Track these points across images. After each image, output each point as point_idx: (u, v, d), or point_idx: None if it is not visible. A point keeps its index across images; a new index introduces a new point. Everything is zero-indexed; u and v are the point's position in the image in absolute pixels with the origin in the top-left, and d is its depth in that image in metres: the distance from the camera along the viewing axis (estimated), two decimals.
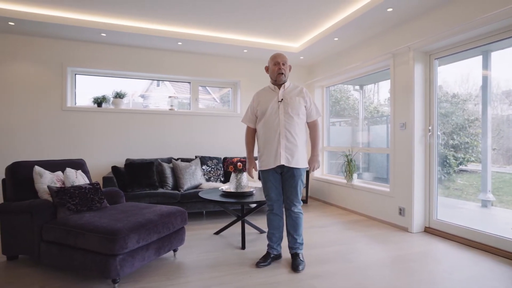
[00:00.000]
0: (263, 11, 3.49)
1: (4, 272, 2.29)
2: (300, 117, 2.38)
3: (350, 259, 2.58)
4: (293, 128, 2.35)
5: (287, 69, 2.44)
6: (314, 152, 2.45)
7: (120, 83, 4.62)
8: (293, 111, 2.35)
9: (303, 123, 2.43)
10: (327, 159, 5.30)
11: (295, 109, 2.36)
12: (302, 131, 2.40)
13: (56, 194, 2.37)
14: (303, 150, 2.41)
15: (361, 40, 4.09)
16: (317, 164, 2.47)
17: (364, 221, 3.81)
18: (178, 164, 4.00)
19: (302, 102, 2.40)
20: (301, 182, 2.43)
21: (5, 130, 3.91)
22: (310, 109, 2.44)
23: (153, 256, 2.25)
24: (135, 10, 3.48)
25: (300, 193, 2.43)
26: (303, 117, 2.41)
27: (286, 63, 2.43)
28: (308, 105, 2.43)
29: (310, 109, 2.44)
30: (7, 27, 3.68)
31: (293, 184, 2.38)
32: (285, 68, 2.42)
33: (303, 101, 2.40)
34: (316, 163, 2.45)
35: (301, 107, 2.38)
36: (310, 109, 2.44)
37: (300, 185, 2.42)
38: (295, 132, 2.35)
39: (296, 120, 2.36)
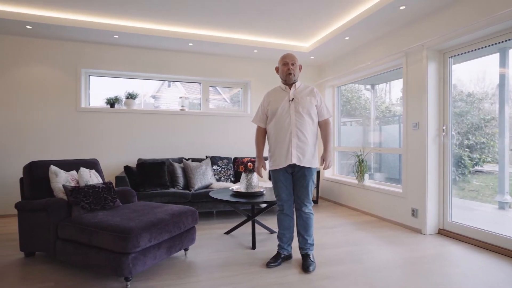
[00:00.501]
0: (273, 11, 3.48)
1: (21, 268, 2.36)
2: (311, 116, 2.38)
3: (361, 260, 2.55)
4: (304, 127, 2.35)
5: (296, 69, 2.44)
6: (327, 148, 2.45)
7: (132, 84, 4.70)
8: (304, 110, 2.35)
9: (314, 123, 2.43)
10: (337, 159, 5.25)
11: (306, 108, 2.36)
12: (313, 130, 2.40)
13: (70, 193, 2.43)
14: (314, 149, 2.41)
15: (372, 39, 4.04)
16: (331, 161, 2.47)
17: (375, 222, 3.76)
18: (189, 164, 4.03)
19: (313, 102, 2.40)
20: (312, 182, 2.42)
21: (23, 131, 4.02)
22: (320, 108, 2.44)
23: (164, 255, 2.27)
24: (147, 12, 3.53)
25: (311, 193, 2.43)
26: (314, 116, 2.41)
27: (295, 63, 2.43)
28: (319, 104, 2.43)
29: (320, 108, 2.44)
30: (24, 30, 3.78)
31: (304, 184, 2.37)
32: (294, 68, 2.42)
33: (314, 100, 2.40)
34: (331, 160, 2.46)
35: (312, 107, 2.38)
36: (320, 108, 2.44)
37: (311, 185, 2.41)
38: (306, 131, 2.36)
39: (307, 119, 2.36)
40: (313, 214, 2.46)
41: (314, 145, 2.41)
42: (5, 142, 3.96)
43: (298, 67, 2.46)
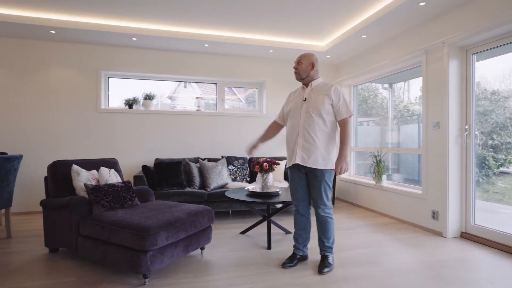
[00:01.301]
0: (289, 11, 3.47)
1: (46, 263, 2.45)
2: (322, 117, 2.28)
3: (378, 262, 2.50)
4: (313, 128, 2.28)
5: (302, 67, 2.37)
6: (341, 152, 2.28)
7: (149, 85, 4.80)
8: (314, 110, 2.28)
9: (329, 123, 2.31)
10: (354, 159, 5.17)
11: (316, 108, 2.28)
12: (324, 131, 2.29)
13: (91, 191, 2.50)
14: (325, 151, 2.29)
15: (390, 36, 3.95)
16: (345, 166, 2.25)
17: (393, 224, 3.68)
18: (205, 164, 4.07)
19: (327, 101, 2.29)
20: (326, 184, 2.32)
21: (46, 131, 4.18)
22: (337, 106, 2.30)
23: (181, 253, 2.31)
24: (164, 14, 3.59)
25: (325, 195, 2.33)
26: (327, 116, 2.30)
27: (301, 61, 2.39)
28: (336, 102, 2.30)
29: (337, 107, 2.30)
30: (48, 35, 3.94)
31: (317, 185, 2.32)
32: (299, 66, 2.39)
33: (328, 99, 2.29)
34: (344, 164, 2.25)
35: (324, 106, 2.28)
36: (337, 106, 2.30)
37: (325, 187, 2.32)
38: (314, 132, 2.28)
39: (317, 119, 2.28)
40: (331, 217, 2.36)
41: (325, 146, 2.29)
42: (30, 142, 4.13)
43: (306, 65, 2.37)
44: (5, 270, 2.33)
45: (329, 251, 2.39)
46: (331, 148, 2.33)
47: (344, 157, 2.27)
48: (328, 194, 2.35)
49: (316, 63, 2.41)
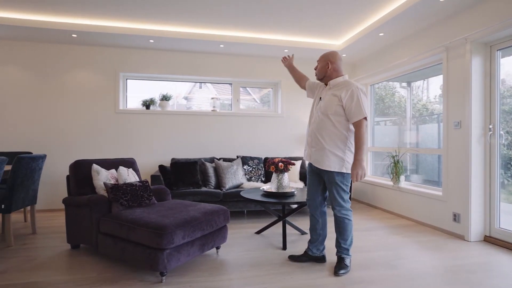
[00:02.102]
0: (304, 10, 3.45)
1: (68, 259, 2.54)
2: (330, 118, 2.21)
3: (396, 265, 2.44)
4: (321, 129, 2.25)
5: (318, 67, 2.37)
6: (356, 157, 2.16)
7: (166, 86, 4.88)
8: (324, 111, 2.24)
9: (338, 124, 2.21)
10: (371, 160, 5.08)
11: (325, 109, 2.24)
12: (334, 133, 2.21)
13: (111, 190, 2.57)
14: (334, 153, 2.22)
15: (409, 34, 3.85)
16: (361, 171, 2.11)
17: (412, 226, 3.58)
18: (220, 164, 4.11)
19: (336, 102, 2.19)
20: (338, 187, 2.26)
21: (68, 131, 4.33)
22: (349, 108, 2.16)
23: (197, 252, 2.33)
24: (180, 16, 3.65)
25: (340, 197, 2.28)
26: (337, 117, 2.20)
27: (318, 62, 2.38)
28: (347, 104, 2.16)
29: (349, 109, 2.17)
30: (70, 39, 4.08)
31: (330, 187, 2.30)
32: (317, 66, 2.39)
33: (337, 100, 2.19)
34: (360, 170, 2.11)
35: (331, 107, 2.20)
36: (349, 108, 2.16)
37: (337, 190, 2.26)
38: (321, 133, 2.24)
39: (326, 121, 2.23)
40: (348, 218, 2.31)
41: (333, 148, 2.21)
42: (54, 142, 4.29)
43: (321, 65, 2.34)
44: (31, 264, 2.43)
45: (345, 252, 2.35)
46: (341, 151, 2.22)
47: (359, 162, 2.13)
48: (343, 196, 2.28)
49: (334, 61, 2.30)
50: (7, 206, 2.80)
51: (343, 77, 2.32)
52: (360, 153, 2.15)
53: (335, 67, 2.31)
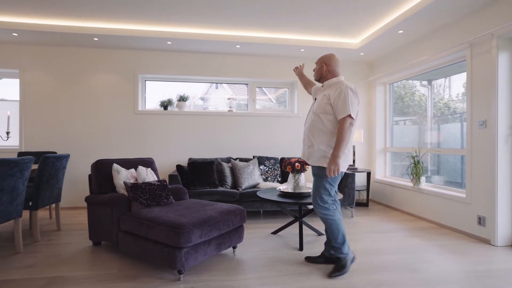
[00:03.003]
0: (320, 9, 3.41)
1: (90, 255, 2.63)
2: (320, 116, 2.26)
3: (417, 269, 2.37)
4: (311, 127, 2.31)
5: (315, 69, 2.43)
6: (333, 152, 2.16)
7: (183, 86, 4.95)
8: (315, 110, 2.31)
9: (328, 122, 2.23)
10: (390, 160, 4.96)
11: (317, 108, 2.30)
12: (321, 130, 2.24)
13: (130, 189, 2.64)
14: (320, 149, 2.24)
15: (430, 30, 3.74)
16: (334, 167, 2.11)
17: (433, 229, 3.47)
18: (236, 164, 4.13)
19: (325, 100, 2.25)
20: (320, 182, 2.27)
21: (90, 132, 4.48)
22: (335, 105, 2.19)
23: (214, 251, 2.35)
24: (197, 18, 3.69)
25: (318, 194, 2.29)
26: (326, 115, 2.24)
27: (316, 63, 2.44)
28: (334, 102, 2.19)
29: (335, 106, 2.19)
30: (92, 42, 4.21)
31: (313, 183, 2.35)
32: (315, 68, 2.44)
33: (326, 99, 2.25)
34: (333, 165, 2.12)
35: (321, 106, 2.26)
36: (335, 105, 2.19)
37: (318, 186, 2.29)
38: (311, 131, 2.30)
39: (316, 119, 2.29)
40: (330, 217, 2.29)
41: (323, 144, 2.23)
42: (76, 142, 4.44)
43: (318, 67, 2.41)
44: (57, 259, 2.53)
45: (338, 252, 2.33)
46: (329, 148, 2.23)
47: (334, 158, 2.13)
48: (323, 193, 2.28)
49: (329, 64, 2.35)
50: (34, 203, 2.92)
51: (338, 77, 2.35)
52: (338, 149, 2.14)
53: (330, 69, 2.36)
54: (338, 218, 2.32)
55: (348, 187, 3.98)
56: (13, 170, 2.41)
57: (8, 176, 2.38)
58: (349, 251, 2.35)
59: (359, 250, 2.80)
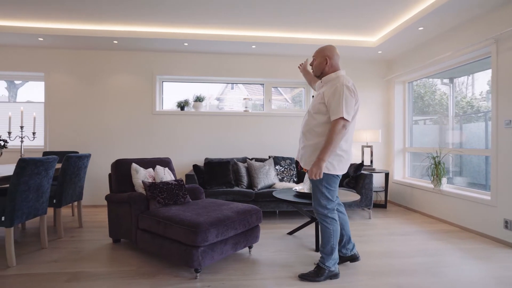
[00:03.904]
0: (337, 7, 3.36)
1: (110, 252, 2.70)
2: (313, 116, 2.12)
3: (438, 273, 2.30)
4: (306, 128, 2.18)
5: (315, 63, 2.21)
6: (318, 155, 2.02)
7: (199, 87, 5.01)
8: (310, 109, 2.19)
9: (321, 124, 2.09)
10: (409, 161, 4.83)
11: (312, 107, 2.17)
12: (314, 132, 2.11)
13: (148, 188, 2.69)
14: (314, 153, 2.11)
15: (452, 27, 3.61)
16: (315, 170, 1.99)
17: (456, 232, 3.35)
18: (252, 164, 4.13)
19: (319, 99, 2.09)
20: (316, 187, 2.14)
21: (109, 132, 4.61)
22: (329, 105, 2.03)
23: (230, 250, 2.37)
24: (213, 19, 3.72)
25: (316, 199, 2.17)
26: (318, 116, 2.09)
27: (315, 57, 2.22)
28: (328, 101, 2.04)
29: (329, 106, 2.03)
30: (112, 45, 4.33)
31: (311, 187, 2.22)
32: (313, 63, 2.24)
33: (320, 98, 2.09)
34: (315, 168, 2.00)
35: (316, 105, 2.12)
36: (329, 105, 2.03)
37: (315, 191, 2.15)
38: (305, 132, 2.18)
39: (310, 119, 2.15)
40: (325, 224, 2.16)
41: (315, 147, 2.10)
42: (96, 142, 4.58)
43: (319, 61, 2.18)
44: (79, 255, 2.62)
45: (321, 261, 2.19)
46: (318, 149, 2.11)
47: (318, 161, 2.00)
48: (320, 198, 2.15)
49: (332, 56, 2.15)
50: (58, 201, 3.04)
51: (337, 72, 2.14)
52: (324, 152, 2.00)
53: (332, 63, 2.16)
54: (334, 229, 2.17)
55: (365, 188, 3.90)
56: (39, 169, 2.51)
57: (34, 174, 2.48)
58: (333, 268, 2.18)
59: (378, 252, 2.74)
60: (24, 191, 2.43)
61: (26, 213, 2.49)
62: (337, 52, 2.20)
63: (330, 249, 2.18)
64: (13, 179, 2.36)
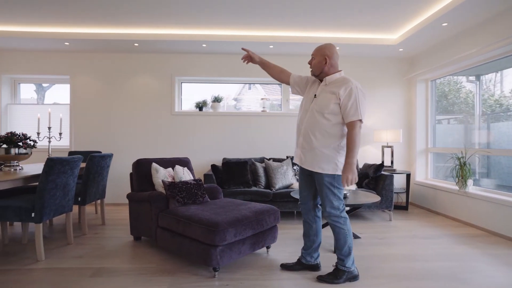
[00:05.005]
0: (356, 5, 3.30)
1: (131, 249, 2.78)
2: (325, 117, 2.04)
3: (465, 279, 2.21)
4: (313, 128, 2.08)
5: (314, 62, 2.16)
6: (346, 160, 2.01)
7: (216, 88, 5.06)
8: (319, 109, 2.06)
9: (334, 124, 2.05)
10: (432, 161, 4.67)
11: (321, 107, 2.05)
12: (326, 132, 2.05)
13: (168, 187, 2.74)
14: (325, 154, 2.06)
15: (479, 21, 3.46)
16: (351, 176, 1.98)
17: (483, 237, 3.21)
18: (270, 164, 4.13)
19: (334, 100, 2.02)
20: (328, 190, 2.09)
21: (130, 132, 4.74)
22: (345, 107, 1.99)
23: (248, 250, 2.37)
24: (231, 19, 3.75)
25: (329, 202, 2.10)
26: (332, 117, 2.04)
27: (314, 56, 2.17)
28: (344, 102, 2.00)
29: (345, 108, 2.00)
30: (132, 48, 4.46)
31: (319, 189, 2.14)
32: (312, 62, 2.18)
33: (335, 98, 2.02)
34: (350, 174, 1.98)
35: (329, 105, 2.02)
36: (345, 107, 1.99)
37: (327, 193, 2.10)
38: (314, 133, 2.07)
39: (320, 119, 2.05)
40: (339, 225, 2.12)
41: (323, 149, 2.06)
42: (118, 142, 4.72)
43: (318, 59, 2.13)
44: (102, 252, 2.71)
45: (340, 263, 2.16)
46: (334, 152, 2.07)
47: (350, 166, 1.98)
48: (332, 200, 2.10)
49: (331, 56, 2.11)
50: (83, 199, 3.16)
51: (340, 73, 2.13)
52: (351, 156, 1.99)
53: (332, 62, 2.12)
54: (348, 228, 2.14)
55: (385, 189, 3.81)
56: (65, 168, 2.62)
57: (61, 173, 2.59)
58: (352, 267, 2.16)
59: (399, 255, 2.67)
60: (51, 189, 2.54)
61: (53, 210, 2.60)
62: (337, 51, 2.17)
63: (348, 249, 2.14)
64: (42, 178, 2.48)
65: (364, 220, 3.87)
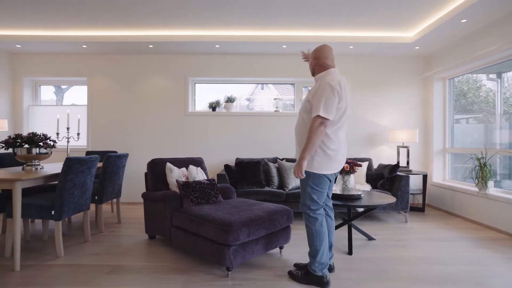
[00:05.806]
0: (370, 3, 3.25)
1: (146, 248, 2.83)
2: (302, 116, 2.14)
3: (484, 283, 2.14)
4: (298, 128, 2.18)
5: (309, 63, 2.26)
6: (300, 154, 2.03)
7: (229, 88, 5.09)
8: (301, 109, 2.17)
9: (308, 121, 2.08)
10: (450, 162, 4.54)
11: (302, 107, 2.16)
12: (305, 131, 2.09)
13: (182, 187, 2.78)
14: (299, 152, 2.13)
15: (500, 17, 3.34)
16: (297, 169, 1.99)
17: (505, 240, 3.10)
18: (283, 164, 4.12)
19: (305, 98, 2.15)
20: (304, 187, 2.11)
21: (145, 132, 4.82)
22: (311, 103, 2.03)
23: (261, 250, 2.37)
24: (244, 19, 3.76)
25: (304, 196, 2.13)
26: (305, 115, 2.10)
27: (310, 57, 2.25)
28: (311, 99, 2.05)
29: (311, 104, 2.03)
30: (147, 49, 4.54)
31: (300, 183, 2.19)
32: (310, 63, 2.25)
33: (306, 96, 2.15)
34: (296, 166, 2.00)
35: (304, 103, 2.14)
36: (311, 103, 2.03)
37: (304, 190, 2.12)
38: (296, 132, 2.19)
39: (300, 119, 2.16)
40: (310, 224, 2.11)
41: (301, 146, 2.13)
42: (134, 142, 4.82)
43: (310, 60, 2.23)
44: (118, 250, 2.77)
45: (311, 261, 2.12)
46: None
47: (299, 160, 2.00)
48: (305, 197, 2.12)
49: (320, 56, 2.15)
50: (99, 197, 3.23)
51: (326, 71, 2.11)
52: (304, 150, 1.98)
53: (319, 62, 2.16)
54: (317, 230, 2.09)
55: (401, 190, 3.73)
56: (83, 167, 2.69)
57: (79, 172, 2.66)
58: (319, 273, 2.09)
59: (415, 257, 2.61)
60: (70, 187, 2.61)
61: (72, 208, 2.68)
62: (328, 50, 2.17)
63: (314, 251, 2.11)
64: (61, 177, 2.55)
65: (379, 221, 3.81)
